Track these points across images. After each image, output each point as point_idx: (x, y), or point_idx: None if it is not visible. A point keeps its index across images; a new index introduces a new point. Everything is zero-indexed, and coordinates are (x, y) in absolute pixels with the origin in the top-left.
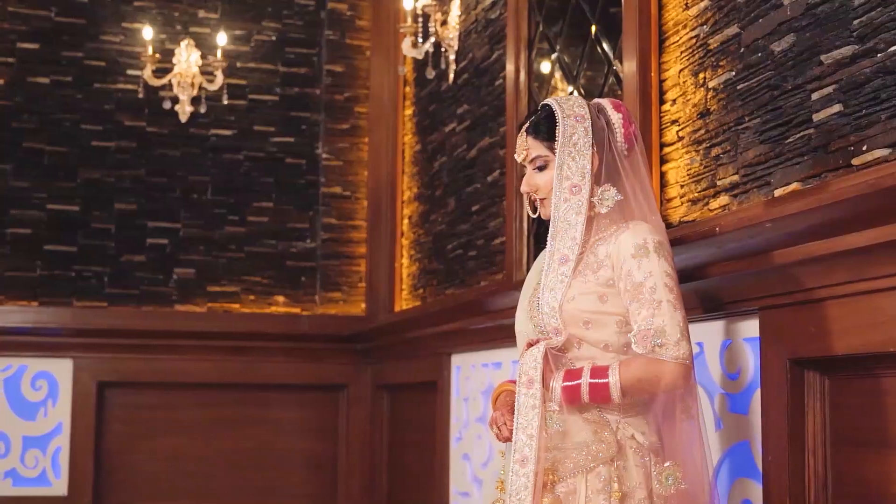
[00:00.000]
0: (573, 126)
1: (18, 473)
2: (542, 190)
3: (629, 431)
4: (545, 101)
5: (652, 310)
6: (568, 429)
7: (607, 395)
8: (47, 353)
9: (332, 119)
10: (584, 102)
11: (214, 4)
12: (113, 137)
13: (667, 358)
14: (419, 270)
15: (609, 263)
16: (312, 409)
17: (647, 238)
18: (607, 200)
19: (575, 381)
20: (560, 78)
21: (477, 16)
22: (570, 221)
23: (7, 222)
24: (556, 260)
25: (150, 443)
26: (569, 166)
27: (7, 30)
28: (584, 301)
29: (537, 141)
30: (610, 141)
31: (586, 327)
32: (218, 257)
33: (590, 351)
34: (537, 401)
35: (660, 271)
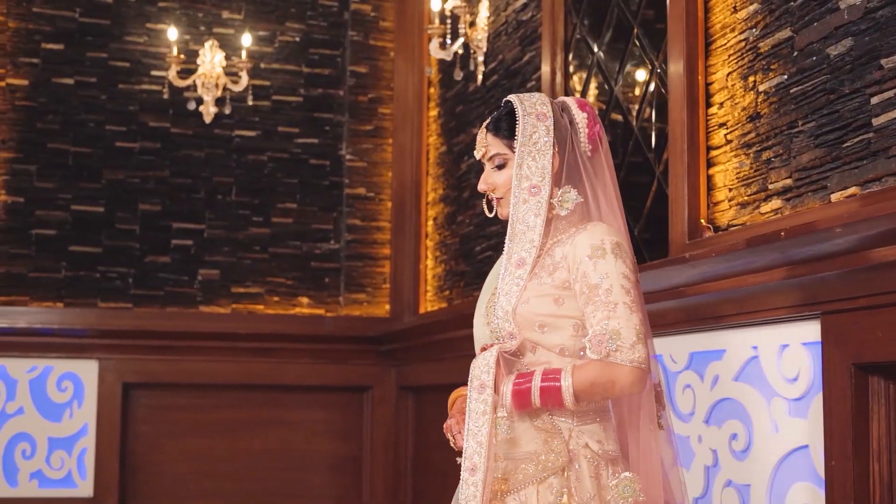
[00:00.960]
0: (534, 124)
1: (44, 475)
2: (500, 189)
3: (583, 440)
4: (508, 97)
5: (607, 312)
6: (517, 436)
7: (559, 399)
8: (73, 354)
9: (356, 120)
10: (548, 100)
11: (238, 5)
12: (137, 138)
13: (622, 361)
14: (445, 272)
15: (565, 265)
16: (336, 411)
17: (603, 239)
18: (567, 202)
19: (525, 385)
20: (598, 80)
21: (507, 17)
22: (529, 223)
23: (32, 223)
24: (512, 263)
25: (175, 444)
26: (528, 166)
27: (32, 30)
28: (539, 304)
29: (497, 138)
30: (573, 141)
31: (541, 331)
32: (242, 258)
33: (545, 355)
34: (488, 406)
35: (616, 273)
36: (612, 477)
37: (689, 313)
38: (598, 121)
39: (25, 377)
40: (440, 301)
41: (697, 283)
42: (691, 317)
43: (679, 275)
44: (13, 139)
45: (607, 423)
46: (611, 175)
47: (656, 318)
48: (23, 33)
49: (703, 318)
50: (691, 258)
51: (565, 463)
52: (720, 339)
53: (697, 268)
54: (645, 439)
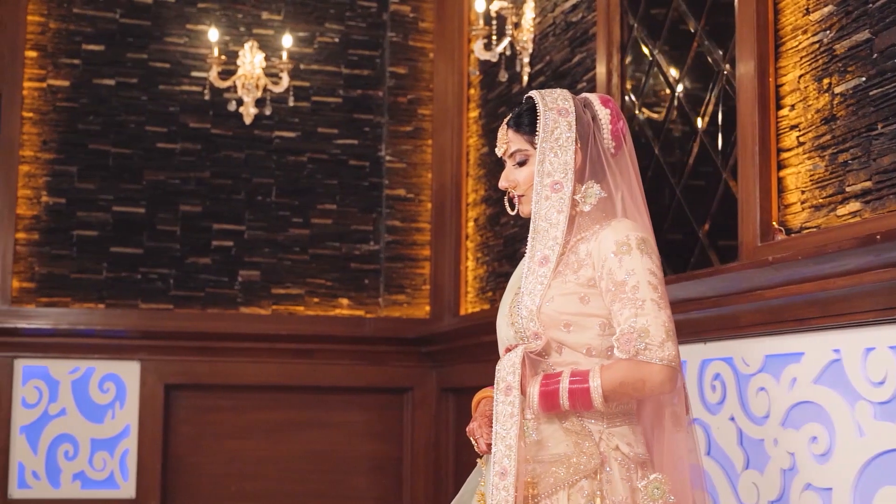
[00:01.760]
0: (555, 120)
1: (87, 476)
2: (522, 186)
3: (613, 442)
4: (529, 93)
5: (635, 309)
6: (544, 439)
7: (588, 400)
8: (115, 355)
9: (396, 121)
10: (570, 96)
11: (278, 6)
12: (177, 139)
13: (651, 360)
14: (487, 273)
15: (590, 262)
16: (377, 412)
17: (628, 234)
18: (590, 198)
19: (553, 386)
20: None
21: (555, 18)
22: (552, 220)
23: (74, 224)
24: (535, 261)
25: (216, 445)
26: (550, 162)
27: (73, 31)
28: (564, 302)
29: (518, 134)
30: (595, 137)
31: (567, 330)
32: (282, 260)
33: (572, 356)
34: (515, 409)
35: (643, 269)
36: (642, 479)
37: (766, 316)
38: (621, 117)
39: (68, 378)
40: (482, 302)
41: (779, 286)
42: (768, 319)
43: (759, 277)
44: (55, 140)
45: (635, 426)
46: (635, 173)
47: (728, 321)
48: (64, 34)
49: (782, 320)
50: (775, 261)
51: (597, 466)
52: (799, 341)
53: (781, 270)
54: (670, 440)
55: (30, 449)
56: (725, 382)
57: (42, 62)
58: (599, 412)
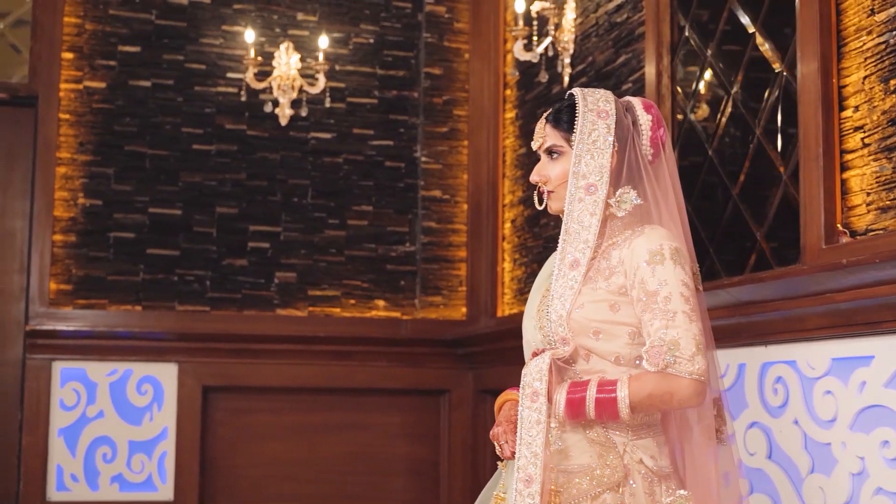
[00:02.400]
0: (594, 121)
1: (125, 478)
2: (553, 182)
3: (637, 455)
4: (572, 90)
5: (665, 321)
6: (568, 448)
7: (615, 411)
8: (152, 357)
9: (431, 122)
10: (612, 98)
11: (313, 7)
12: (213, 141)
13: (680, 373)
14: (525, 274)
15: (622, 270)
16: (414, 414)
17: (662, 244)
18: (625, 203)
19: (579, 395)
20: (710, 82)
21: (598, 19)
22: (584, 223)
23: (110, 226)
24: (566, 264)
25: (253, 447)
26: (586, 163)
27: (108, 33)
28: (594, 309)
29: (555, 130)
30: (634, 142)
31: (596, 337)
32: (318, 261)
33: (600, 364)
34: (542, 415)
35: (675, 280)
36: (666, 494)
37: (835, 319)
38: (662, 125)
39: (105, 380)
40: (520, 304)
41: (850, 289)
42: (837, 322)
43: (829, 280)
44: (91, 142)
45: (660, 438)
46: (673, 182)
47: (793, 324)
48: (100, 36)
49: (852, 323)
50: (849, 264)
51: (621, 479)
52: (869, 345)
53: (854, 273)
54: (701, 455)
55: (68, 451)
56: (789, 386)
57: (78, 64)
58: (624, 423)
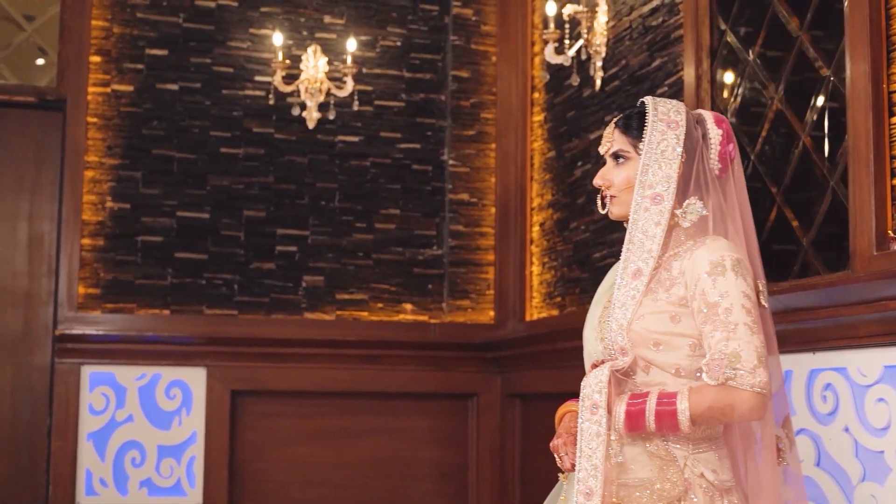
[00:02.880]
0: (663, 131)
1: (154, 483)
2: (616, 187)
3: (698, 469)
4: (644, 98)
5: (727, 333)
6: (627, 461)
7: (675, 423)
8: (181, 361)
9: (458, 125)
10: (684, 109)
11: (340, 10)
12: (241, 144)
13: (742, 386)
14: (556, 278)
15: (682, 281)
16: (442, 418)
17: (724, 255)
18: (692, 214)
19: (639, 407)
20: (751, 87)
21: (631, 22)
22: (649, 233)
23: (138, 230)
24: (629, 273)
25: (281, 451)
26: (654, 173)
27: (136, 36)
28: (655, 321)
29: (624, 136)
30: (703, 155)
31: (656, 349)
32: (346, 265)
33: (660, 376)
34: (602, 427)
35: (737, 291)
36: None
37: (889, 326)
38: (732, 140)
39: (134, 385)
40: (549, 308)
41: None
42: (890, 329)
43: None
44: (119, 146)
45: (721, 451)
46: (741, 198)
47: (846, 330)
48: (127, 39)
49: None
50: None
51: (681, 493)
52: None
53: None
54: (764, 472)
55: (97, 456)
56: (839, 393)
57: (106, 67)
58: (685, 436)
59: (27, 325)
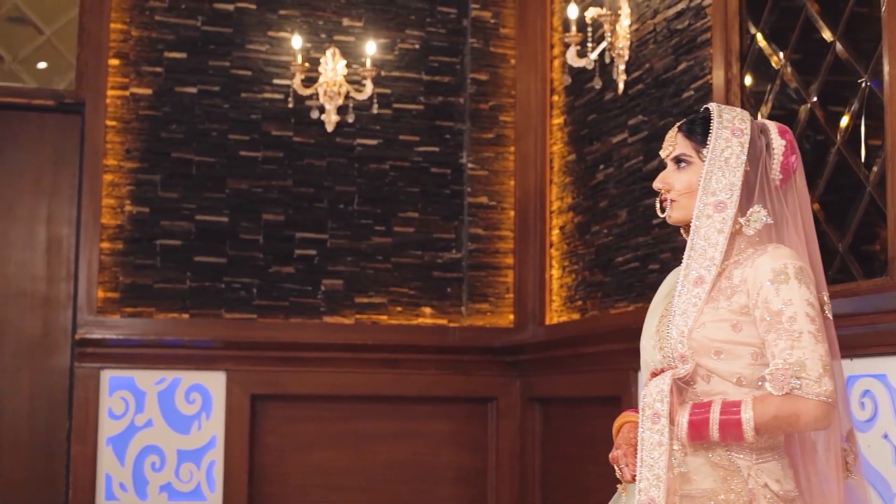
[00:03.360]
0: (728, 139)
1: (173, 487)
2: (676, 191)
3: (762, 479)
4: (708, 104)
5: (791, 342)
6: (691, 472)
7: (739, 433)
8: (200, 365)
9: (477, 128)
10: (748, 118)
11: (359, 13)
12: (260, 147)
13: (807, 395)
14: (576, 282)
15: (744, 289)
16: (462, 422)
17: (786, 263)
18: (756, 222)
19: (702, 416)
20: (781, 90)
21: (655, 26)
22: (711, 240)
23: (157, 233)
24: (690, 280)
25: (301, 456)
26: (717, 180)
27: (155, 39)
28: (716, 329)
29: (687, 140)
30: (765, 165)
31: (717, 357)
32: (365, 268)
33: (721, 385)
34: (664, 437)
35: (800, 300)
36: None
37: None
38: (795, 151)
39: (154, 389)
40: (570, 311)
41: None
42: None
43: None
44: (138, 149)
45: (784, 461)
46: (803, 209)
47: (885, 337)
48: (146, 42)
49: None
50: None
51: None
52: None
53: None
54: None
55: (116, 460)
56: (877, 400)
57: (124, 70)
58: (748, 446)
59: (45, 329)
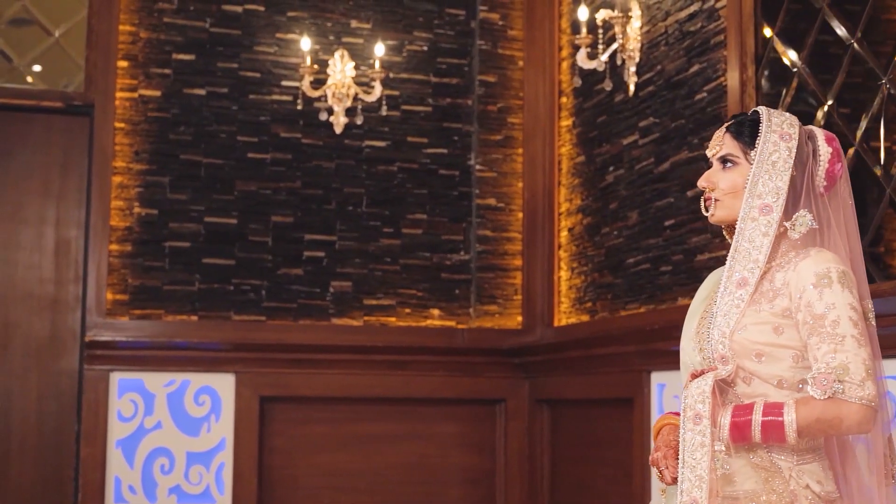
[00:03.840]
0: (776, 143)
1: (182, 490)
2: (721, 190)
3: (804, 480)
4: (757, 108)
5: (834, 345)
6: (732, 473)
7: (781, 434)
8: (210, 367)
9: (485, 130)
10: (797, 123)
11: (367, 15)
12: (268, 149)
13: (850, 398)
14: (586, 283)
15: (786, 292)
16: (470, 424)
17: (829, 267)
18: (801, 226)
19: (745, 418)
20: (797, 92)
21: (667, 28)
22: (755, 243)
23: (166, 235)
24: (733, 282)
25: (310, 458)
26: (764, 183)
27: (163, 41)
28: (757, 332)
29: (735, 141)
30: (811, 171)
31: (758, 360)
32: (373, 270)
33: (761, 387)
34: (706, 438)
35: (844, 303)
36: None
37: None
38: (841, 160)
39: (163, 391)
40: (579, 313)
41: None
42: None
43: None
44: (146, 151)
45: (824, 462)
46: (847, 216)
47: None
48: (154, 44)
49: None
50: None
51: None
52: None
53: None
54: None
55: (126, 463)
56: None
57: (133, 72)
58: (789, 447)
59: (54, 331)
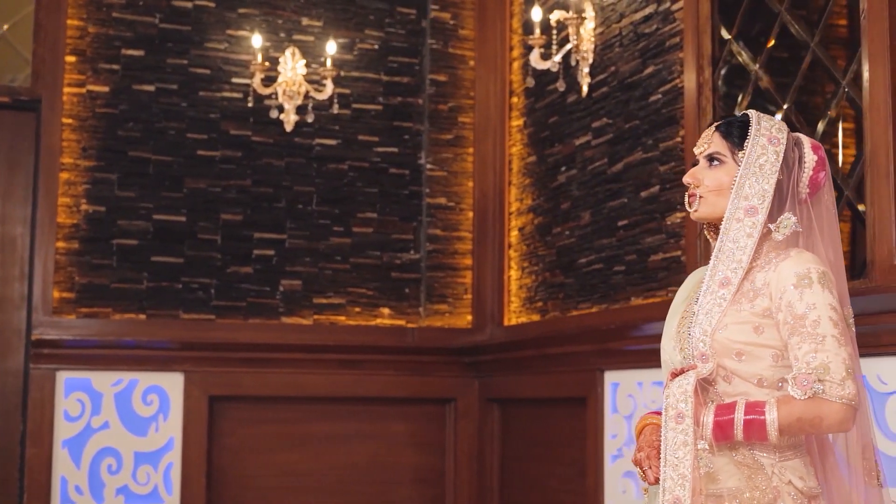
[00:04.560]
0: (764, 146)
1: (130, 490)
2: (705, 187)
3: (786, 476)
4: (748, 111)
5: (815, 345)
6: (716, 471)
7: (763, 433)
8: (158, 367)
9: (436, 129)
10: (786, 129)
11: (318, 12)
12: (218, 147)
13: (831, 398)
14: (537, 283)
15: (767, 292)
16: (420, 423)
17: (810, 267)
18: (785, 228)
19: (727, 417)
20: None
21: (621, 29)
22: (740, 243)
23: (114, 233)
24: (716, 281)
25: (260, 457)
26: (751, 185)
27: (112, 36)
28: (738, 331)
29: (723, 140)
30: (796, 178)
31: (738, 359)
32: (324, 269)
33: (742, 385)
34: (689, 437)
35: (824, 304)
36: None
37: None
38: (825, 169)
39: (110, 390)
40: (530, 313)
41: None
42: None
43: None
44: (94, 147)
45: (806, 458)
46: (828, 222)
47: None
48: (103, 39)
49: None
50: None
51: (770, 501)
52: None
53: None
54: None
55: (72, 463)
56: None
57: (81, 67)
58: (771, 445)
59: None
